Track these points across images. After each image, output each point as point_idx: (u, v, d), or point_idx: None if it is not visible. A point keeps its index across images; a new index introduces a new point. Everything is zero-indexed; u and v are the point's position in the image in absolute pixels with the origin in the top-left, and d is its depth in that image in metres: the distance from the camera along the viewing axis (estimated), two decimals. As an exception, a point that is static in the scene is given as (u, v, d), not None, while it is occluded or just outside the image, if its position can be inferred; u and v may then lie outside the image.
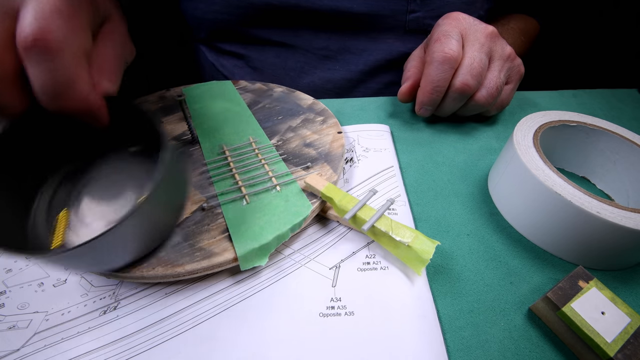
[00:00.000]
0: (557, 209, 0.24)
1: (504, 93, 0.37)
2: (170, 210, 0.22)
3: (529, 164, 0.25)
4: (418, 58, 0.39)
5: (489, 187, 0.31)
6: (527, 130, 0.29)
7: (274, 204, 0.26)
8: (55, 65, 0.18)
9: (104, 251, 0.18)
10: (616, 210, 0.22)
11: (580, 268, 0.22)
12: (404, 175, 0.33)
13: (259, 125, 0.34)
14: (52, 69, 0.18)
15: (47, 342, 0.21)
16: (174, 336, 0.21)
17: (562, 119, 0.30)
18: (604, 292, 0.21)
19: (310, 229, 0.27)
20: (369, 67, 0.49)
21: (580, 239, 0.24)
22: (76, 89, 0.19)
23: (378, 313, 0.22)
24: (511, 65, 0.36)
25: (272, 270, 0.24)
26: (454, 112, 0.38)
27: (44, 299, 0.23)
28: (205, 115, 0.36)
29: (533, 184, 0.25)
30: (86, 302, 0.23)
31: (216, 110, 0.36)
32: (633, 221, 0.21)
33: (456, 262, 0.25)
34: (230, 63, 0.52)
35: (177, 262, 0.22)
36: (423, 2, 0.44)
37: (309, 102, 0.38)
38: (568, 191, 0.23)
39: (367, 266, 0.24)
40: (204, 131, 0.33)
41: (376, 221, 0.23)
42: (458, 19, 0.35)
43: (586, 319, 0.19)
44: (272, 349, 0.20)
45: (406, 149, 0.36)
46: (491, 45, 0.35)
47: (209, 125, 0.34)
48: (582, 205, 0.22)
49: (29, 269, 0.25)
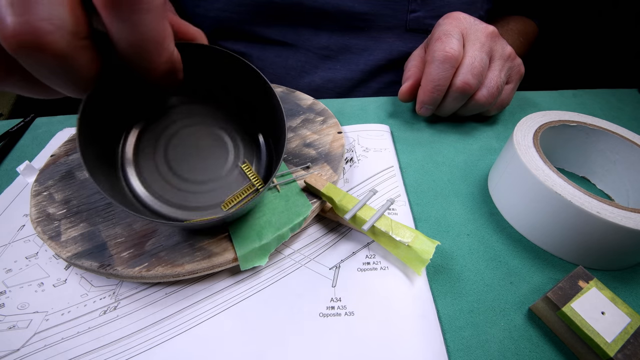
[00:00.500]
0: (557, 209, 0.24)
1: (504, 93, 0.37)
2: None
3: (529, 164, 0.25)
4: (419, 57, 0.39)
5: (489, 187, 0.31)
6: (527, 130, 0.29)
7: (274, 204, 0.26)
8: (146, 21, 0.15)
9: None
10: (616, 210, 0.22)
11: (580, 268, 0.22)
12: (404, 175, 0.33)
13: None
14: (142, 24, 0.16)
15: (47, 342, 0.21)
16: (174, 336, 0.21)
17: (562, 119, 0.30)
18: (604, 292, 0.21)
19: (310, 229, 0.27)
20: (370, 67, 0.49)
21: (580, 239, 0.24)
22: (164, 46, 0.17)
23: (378, 313, 0.22)
24: (511, 65, 0.36)
25: (272, 270, 0.24)
26: (454, 112, 0.38)
27: (44, 299, 0.23)
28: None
29: (533, 184, 0.25)
30: (86, 302, 0.23)
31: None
32: (633, 221, 0.21)
33: (456, 262, 0.25)
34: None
35: (177, 262, 0.22)
36: (424, 1, 0.44)
37: (308, 102, 0.37)
38: (568, 191, 0.23)
39: (367, 266, 0.24)
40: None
41: (376, 221, 0.23)
42: (459, 18, 0.35)
43: (586, 319, 0.19)
44: (272, 349, 0.20)
45: (406, 149, 0.36)
46: (492, 45, 0.35)
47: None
48: (582, 205, 0.22)
49: (29, 269, 0.25)
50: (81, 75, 0.16)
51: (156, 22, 0.16)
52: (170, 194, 0.25)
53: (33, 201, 0.27)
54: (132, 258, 0.22)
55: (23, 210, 0.29)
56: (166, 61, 0.18)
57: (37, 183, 0.28)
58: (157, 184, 0.25)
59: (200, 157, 0.26)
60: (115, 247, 0.23)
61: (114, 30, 0.16)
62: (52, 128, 0.39)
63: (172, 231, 0.24)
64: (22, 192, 0.31)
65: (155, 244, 0.23)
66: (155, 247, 0.23)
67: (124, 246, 0.23)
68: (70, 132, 0.38)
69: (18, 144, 0.37)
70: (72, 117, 0.41)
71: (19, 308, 0.23)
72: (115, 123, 0.24)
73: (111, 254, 0.23)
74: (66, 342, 0.21)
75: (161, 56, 0.17)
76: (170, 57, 0.18)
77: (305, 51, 0.48)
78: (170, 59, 0.18)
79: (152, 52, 0.17)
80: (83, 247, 0.23)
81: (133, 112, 0.25)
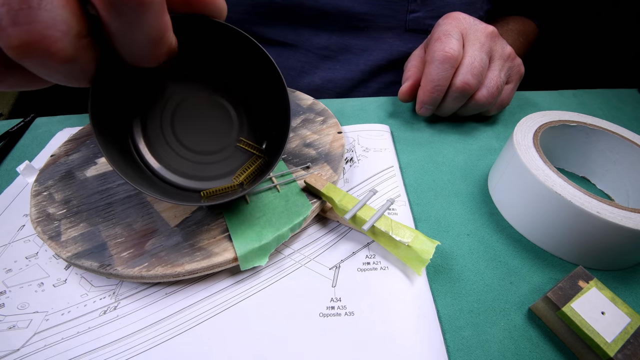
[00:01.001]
0: (557, 209, 0.24)
1: (504, 93, 0.37)
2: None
3: (529, 164, 0.25)
4: (418, 57, 0.39)
5: (489, 187, 0.31)
6: (527, 130, 0.29)
7: (274, 204, 0.26)
8: (147, 19, 0.15)
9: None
10: (616, 210, 0.22)
11: (580, 268, 0.22)
12: (404, 175, 0.33)
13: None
14: (143, 23, 0.15)
15: (47, 342, 0.21)
16: (174, 336, 0.21)
17: (562, 119, 0.30)
18: (604, 292, 0.21)
19: (310, 229, 0.27)
20: (370, 67, 0.49)
21: (580, 239, 0.24)
22: (164, 40, 0.16)
23: (378, 313, 0.22)
24: (511, 65, 0.36)
25: (272, 270, 0.24)
26: (454, 112, 0.38)
27: (44, 299, 0.23)
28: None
29: (533, 184, 0.25)
30: (86, 302, 0.23)
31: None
32: (633, 221, 0.21)
33: (456, 262, 0.25)
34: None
35: (177, 262, 0.22)
36: (423, 2, 0.44)
37: (308, 102, 0.37)
38: (568, 191, 0.23)
39: (367, 266, 0.24)
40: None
41: (376, 221, 0.23)
42: (458, 18, 0.35)
43: (586, 319, 0.19)
44: (272, 349, 0.20)
45: (406, 149, 0.36)
46: (491, 45, 0.35)
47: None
48: (582, 205, 0.22)
49: (29, 269, 0.25)
50: (84, 70, 0.16)
51: (157, 19, 0.15)
52: (185, 167, 0.26)
53: (33, 201, 0.27)
54: (132, 258, 0.22)
55: (23, 210, 0.29)
56: (164, 53, 0.17)
57: (37, 183, 0.28)
58: (172, 159, 0.25)
59: (207, 127, 0.26)
60: (115, 247, 0.23)
61: (113, 28, 0.15)
62: (52, 128, 0.39)
63: (172, 231, 0.24)
64: (22, 192, 0.31)
65: (155, 244, 0.23)
66: (155, 247, 0.23)
67: (123, 246, 0.23)
68: (71, 132, 0.38)
69: (18, 144, 0.37)
70: (72, 117, 0.41)
71: (19, 308, 0.23)
72: (120, 109, 0.23)
73: (111, 254, 0.23)
74: (66, 342, 0.21)
75: (160, 49, 0.17)
76: (168, 48, 0.17)
77: (305, 51, 0.48)
78: (169, 49, 0.17)
79: (151, 47, 0.16)
80: (83, 247, 0.23)
81: (133, 96, 0.24)
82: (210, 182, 0.26)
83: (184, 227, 0.24)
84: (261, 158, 0.27)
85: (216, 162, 0.26)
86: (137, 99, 0.24)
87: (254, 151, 0.27)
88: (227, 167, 0.27)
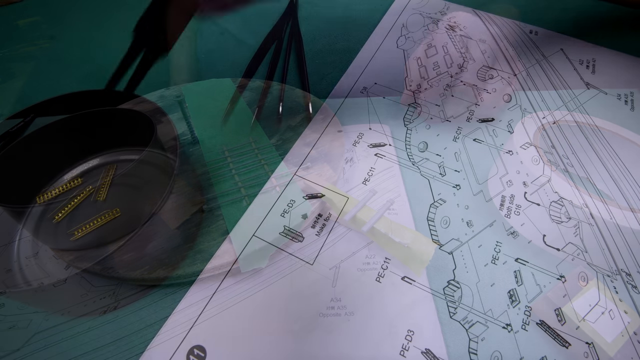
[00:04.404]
0: (558, 209, 0.24)
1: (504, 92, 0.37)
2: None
3: (529, 163, 0.25)
4: (420, 57, 0.39)
5: (489, 186, 0.31)
6: (527, 130, 0.29)
7: (274, 205, 0.26)
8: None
9: None
10: (616, 210, 0.22)
11: (581, 268, 0.22)
12: (404, 175, 0.33)
13: (258, 124, 0.34)
14: None
15: (47, 342, 0.21)
16: (174, 336, 0.21)
17: (562, 119, 0.30)
18: (604, 292, 0.21)
19: (311, 229, 0.27)
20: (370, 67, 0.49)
21: (580, 239, 0.24)
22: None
23: (378, 313, 0.22)
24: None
25: (272, 271, 0.24)
26: (454, 112, 0.38)
27: (44, 299, 0.23)
28: (205, 115, 0.36)
29: (533, 183, 0.25)
30: (86, 302, 0.23)
31: (216, 110, 0.36)
32: (633, 221, 0.21)
33: (456, 262, 0.25)
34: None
35: (177, 264, 0.22)
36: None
37: (308, 100, 0.37)
38: (568, 191, 0.23)
39: (367, 266, 0.24)
40: (204, 131, 0.33)
41: (376, 222, 0.23)
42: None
43: (586, 319, 0.19)
44: (273, 348, 0.20)
45: (406, 148, 0.36)
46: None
47: (209, 125, 0.34)
48: (583, 206, 0.22)
49: (29, 269, 0.25)
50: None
51: None
52: None
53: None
54: (134, 261, 0.22)
55: (23, 211, 0.29)
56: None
57: (37, 183, 0.28)
58: None
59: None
60: (116, 249, 0.23)
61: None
62: (52, 128, 0.39)
63: (173, 233, 0.24)
64: (22, 192, 0.31)
65: (157, 246, 0.23)
66: (156, 249, 0.23)
67: (125, 249, 0.23)
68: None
69: (18, 144, 0.37)
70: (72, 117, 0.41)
71: (19, 308, 0.23)
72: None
73: (112, 256, 0.23)
74: (66, 342, 0.21)
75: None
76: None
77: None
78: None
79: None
80: (84, 250, 0.23)
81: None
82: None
83: (184, 230, 0.24)
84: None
85: None
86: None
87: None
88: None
